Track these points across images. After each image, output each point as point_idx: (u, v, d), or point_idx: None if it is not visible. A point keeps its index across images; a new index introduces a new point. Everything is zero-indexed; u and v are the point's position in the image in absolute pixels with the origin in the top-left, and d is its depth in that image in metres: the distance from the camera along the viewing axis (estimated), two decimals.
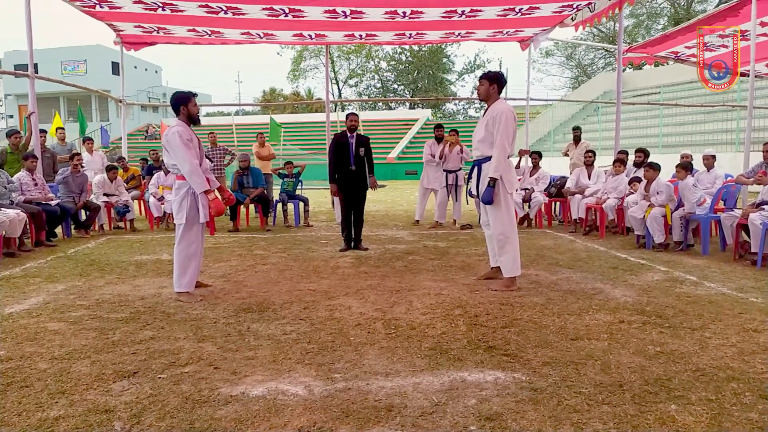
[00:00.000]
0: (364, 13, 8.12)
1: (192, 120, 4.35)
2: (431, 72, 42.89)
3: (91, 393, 2.55)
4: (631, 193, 7.03)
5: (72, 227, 7.75)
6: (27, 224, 6.42)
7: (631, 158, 8.00)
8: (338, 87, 44.09)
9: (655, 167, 6.41)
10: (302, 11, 7.96)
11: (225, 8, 7.78)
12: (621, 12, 8.12)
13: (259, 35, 9.68)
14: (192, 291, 4.33)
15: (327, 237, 7.60)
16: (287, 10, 7.91)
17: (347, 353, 3.06)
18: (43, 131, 8.29)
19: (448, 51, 42.72)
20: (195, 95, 4.44)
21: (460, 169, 8.40)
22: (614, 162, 7.58)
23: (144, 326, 3.57)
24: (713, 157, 7.46)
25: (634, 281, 4.76)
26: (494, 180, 4.34)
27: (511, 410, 2.36)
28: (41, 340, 3.28)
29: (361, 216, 6.54)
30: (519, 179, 8.36)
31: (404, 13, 8.10)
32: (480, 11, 8.02)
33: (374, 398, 2.49)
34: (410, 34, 9.79)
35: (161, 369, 2.83)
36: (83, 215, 7.93)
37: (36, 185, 7.10)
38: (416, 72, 43.37)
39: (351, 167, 6.28)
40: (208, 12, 7.97)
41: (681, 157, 8.11)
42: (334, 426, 2.24)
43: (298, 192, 9.26)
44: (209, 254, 6.18)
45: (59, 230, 7.53)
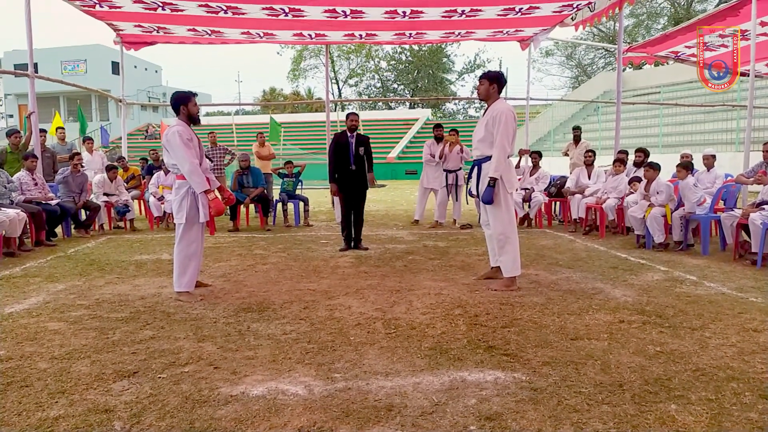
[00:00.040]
0: (364, 13, 8.11)
1: (192, 120, 4.35)
2: (431, 72, 42.88)
3: (91, 393, 2.55)
4: (631, 193, 7.03)
5: (72, 227, 7.75)
6: (27, 224, 6.42)
7: (631, 158, 8.00)
8: (338, 87, 44.11)
9: (655, 167, 6.42)
10: (302, 11, 7.96)
11: (225, 8, 7.78)
12: (621, 12, 8.12)
13: (259, 35, 9.67)
14: (192, 291, 4.33)
15: (327, 237, 7.60)
16: (287, 10, 7.91)
17: (347, 353, 3.06)
18: (43, 131, 8.29)
19: (448, 51, 42.74)
20: (195, 95, 4.44)
21: (460, 169, 8.41)
22: (614, 162, 7.59)
23: (144, 326, 3.57)
24: (713, 157, 7.46)
25: (634, 281, 4.76)
26: (494, 180, 4.34)
27: (511, 410, 2.36)
28: (41, 340, 3.28)
29: (361, 216, 6.54)
30: (519, 179, 8.36)
31: (404, 13, 8.10)
32: (480, 11, 8.02)
33: (374, 398, 2.49)
34: (410, 34, 9.79)
35: (161, 369, 2.83)
36: (83, 215, 7.93)
37: (36, 185, 7.10)
38: (416, 72, 43.36)
39: (351, 167, 6.28)
40: (208, 12, 7.97)
41: (681, 157, 8.11)
42: (334, 426, 2.24)
43: (298, 192, 9.27)
44: (209, 254, 6.18)
45: (59, 230, 7.53)
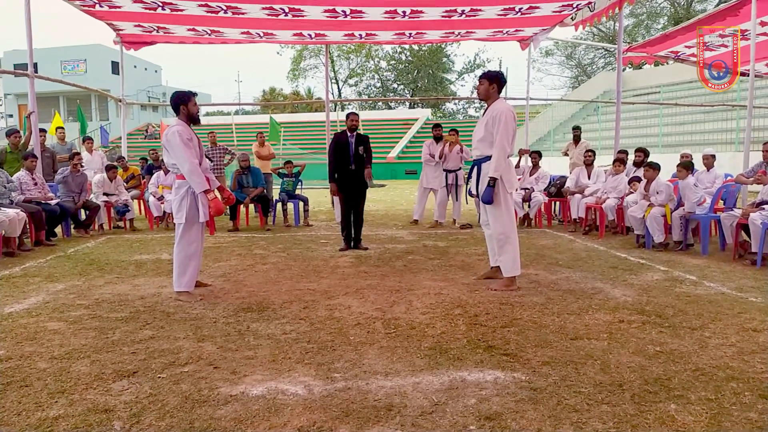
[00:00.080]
0: (364, 13, 8.11)
1: (192, 119, 4.35)
2: (431, 71, 42.88)
3: (91, 392, 2.55)
4: (631, 193, 7.04)
5: (72, 227, 7.75)
6: (26, 224, 6.42)
7: (631, 158, 8.00)
8: (338, 86, 44.11)
9: (655, 167, 6.42)
10: (302, 11, 7.96)
11: (225, 8, 7.78)
12: (621, 11, 8.11)
13: (259, 35, 9.67)
14: (192, 290, 4.33)
15: (327, 236, 7.60)
16: (287, 10, 7.90)
17: (347, 353, 3.06)
18: (43, 130, 8.29)
19: (448, 50, 42.75)
20: (195, 95, 4.44)
21: (460, 169, 8.41)
22: (614, 161, 7.59)
23: (144, 326, 3.57)
24: (713, 157, 7.46)
25: (634, 281, 4.76)
26: (494, 180, 4.34)
27: (511, 410, 2.36)
28: (41, 340, 3.28)
29: (361, 215, 6.54)
30: (519, 179, 8.36)
31: (404, 13, 8.09)
32: (480, 11, 8.02)
33: (374, 398, 2.49)
34: (410, 34, 9.79)
35: (161, 368, 2.83)
36: (83, 215, 7.93)
37: (35, 185, 7.10)
38: (416, 71, 43.36)
39: (351, 167, 6.27)
40: (208, 11, 7.96)
41: (681, 157, 8.11)
42: (334, 425, 2.24)
43: (298, 191, 9.27)
44: (209, 254, 6.18)
45: (59, 230, 7.53)
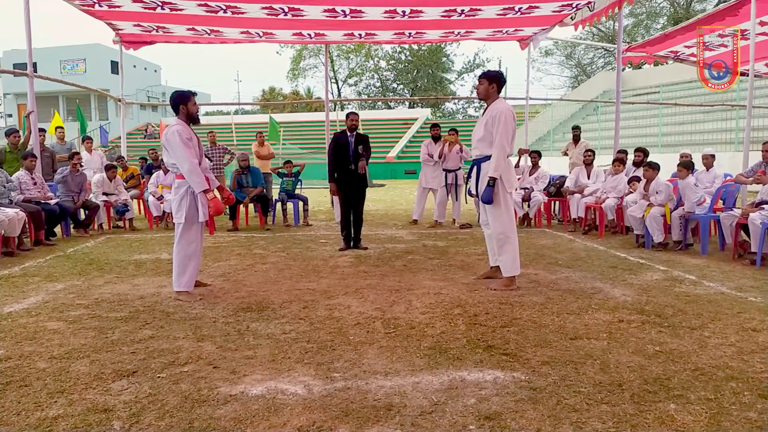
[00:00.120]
0: (364, 12, 8.11)
1: (191, 119, 4.34)
2: (431, 71, 42.88)
3: (90, 392, 2.55)
4: (631, 193, 7.04)
5: (71, 226, 7.75)
6: (26, 223, 6.42)
7: (631, 157, 8.00)
8: (338, 86, 44.10)
9: (655, 166, 6.42)
10: (301, 10, 7.95)
11: (224, 7, 7.77)
12: (620, 11, 8.11)
13: (259, 34, 9.67)
14: (191, 290, 4.33)
15: (326, 236, 7.59)
16: (286, 9, 7.90)
17: (346, 352, 3.06)
18: (42, 130, 8.28)
19: (448, 50, 42.76)
20: (194, 94, 4.43)
21: (460, 169, 8.42)
22: (613, 161, 7.59)
23: (143, 325, 3.57)
24: (712, 157, 7.47)
25: (634, 280, 4.76)
26: (494, 179, 4.34)
27: (511, 409, 2.36)
28: (40, 340, 3.28)
29: (361, 215, 6.54)
30: (518, 178, 8.36)
31: (404, 12, 8.09)
32: (479, 10, 8.02)
33: (373, 397, 2.49)
34: (410, 33, 9.78)
35: (160, 368, 2.83)
36: (82, 214, 7.92)
37: (35, 184, 7.09)
38: (416, 71, 43.35)
39: (350, 166, 6.27)
40: (207, 11, 7.96)
41: (680, 157, 8.11)
42: (334, 425, 2.24)
43: (298, 191, 9.27)
44: (208, 253, 6.17)
45: (58, 229, 7.53)
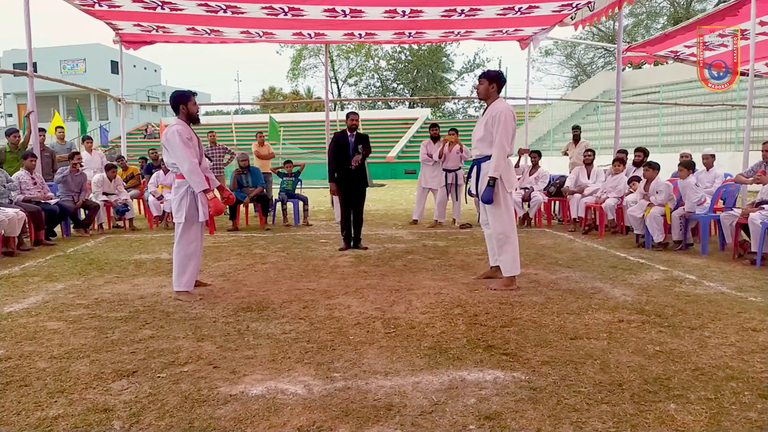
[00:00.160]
0: (364, 12, 8.11)
1: (192, 119, 4.34)
2: (431, 71, 42.87)
3: (91, 392, 2.55)
4: (631, 193, 7.04)
5: (71, 226, 7.75)
6: (26, 223, 6.42)
7: (631, 157, 8.00)
8: (338, 86, 44.08)
9: (655, 166, 6.42)
10: (301, 10, 7.95)
11: (224, 7, 7.77)
12: (620, 11, 8.11)
13: (259, 34, 9.67)
14: (191, 290, 4.33)
15: (326, 236, 7.59)
16: (286, 9, 7.90)
17: (346, 352, 3.06)
18: (42, 130, 8.28)
19: (448, 50, 42.74)
20: (194, 94, 4.43)
21: (460, 168, 8.42)
22: (614, 161, 7.59)
23: (143, 325, 3.57)
24: (712, 157, 7.46)
25: (634, 280, 4.76)
26: (494, 179, 4.34)
27: (511, 409, 2.36)
28: (40, 339, 3.28)
29: (361, 215, 6.54)
30: (518, 178, 8.36)
31: (404, 12, 8.09)
32: (479, 10, 8.01)
33: (373, 397, 2.49)
34: (410, 33, 9.78)
35: (160, 368, 2.83)
36: (82, 214, 7.92)
37: (35, 184, 7.09)
38: (416, 71, 43.34)
39: (350, 166, 6.27)
40: (207, 11, 7.96)
41: (681, 157, 8.11)
42: (334, 425, 2.24)
43: (298, 191, 9.27)
44: (208, 253, 6.17)
45: (58, 229, 7.53)
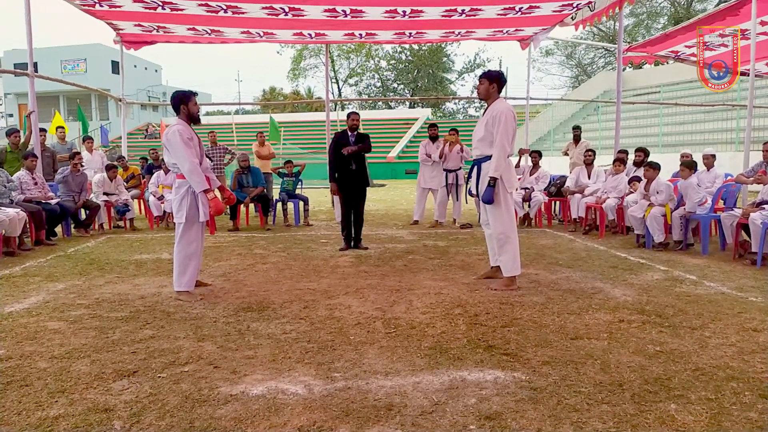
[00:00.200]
0: (364, 12, 8.11)
1: (192, 119, 4.35)
2: (431, 71, 42.88)
3: (91, 392, 2.55)
4: (631, 193, 7.03)
5: (72, 226, 7.75)
6: (27, 223, 6.42)
7: (631, 157, 8.00)
8: (338, 86, 44.10)
9: (655, 166, 6.42)
10: (302, 10, 7.95)
11: (225, 7, 7.77)
12: (621, 11, 8.11)
13: (259, 34, 9.67)
14: (192, 290, 4.33)
15: (327, 236, 7.60)
16: (287, 9, 7.90)
17: (347, 352, 3.06)
18: (43, 130, 8.29)
19: (448, 50, 42.78)
20: (195, 94, 4.44)
21: (460, 168, 8.42)
22: (614, 161, 7.59)
23: (144, 325, 3.57)
24: (713, 157, 7.46)
25: (634, 280, 4.76)
26: (494, 179, 4.34)
27: (511, 409, 2.36)
28: (41, 339, 3.28)
29: (361, 215, 6.54)
30: (519, 178, 8.36)
31: (404, 12, 8.09)
32: (480, 10, 8.01)
33: (374, 397, 2.49)
34: (410, 33, 9.78)
35: (161, 368, 2.83)
36: (83, 214, 7.93)
37: (36, 184, 7.10)
38: (416, 71, 43.35)
39: (351, 166, 6.27)
40: (208, 11, 7.96)
41: (681, 157, 8.11)
42: (334, 425, 2.24)
43: (298, 191, 9.27)
44: (209, 253, 6.18)
45: (59, 229, 7.53)
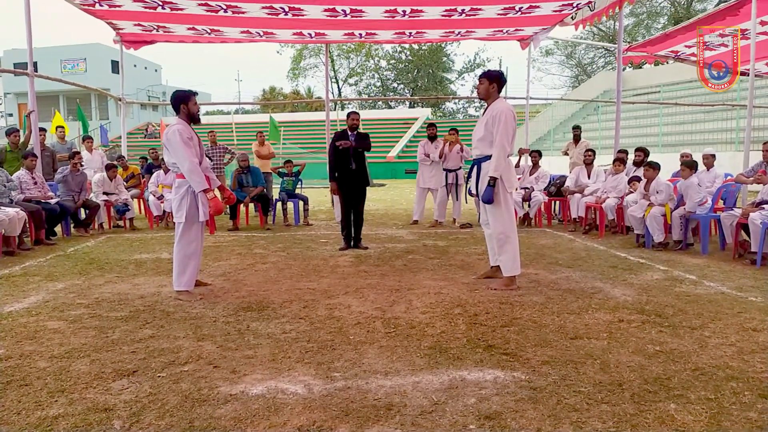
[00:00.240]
0: (364, 12, 8.11)
1: (192, 118, 4.35)
2: (431, 71, 42.86)
3: (91, 392, 2.55)
4: (631, 192, 7.04)
5: (71, 226, 7.75)
6: (26, 223, 6.42)
7: (631, 157, 8.00)
8: (338, 86, 44.07)
9: (655, 166, 6.42)
10: (302, 10, 7.95)
11: (224, 7, 7.77)
12: (621, 11, 8.11)
13: (259, 34, 9.67)
14: (191, 290, 4.33)
15: (326, 236, 7.60)
16: (287, 9, 7.90)
17: (347, 352, 3.06)
18: (43, 129, 8.28)
19: (448, 50, 42.74)
20: (195, 94, 4.44)
21: (460, 168, 8.41)
22: (614, 161, 7.59)
23: (143, 325, 3.57)
24: (713, 156, 7.47)
25: (634, 280, 4.76)
26: (494, 179, 4.34)
27: (511, 409, 2.36)
28: (41, 339, 3.28)
29: (361, 215, 6.54)
30: (519, 178, 8.36)
31: (404, 12, 8.09)
32: (480, 10, 8.01)
33: (374, 397, 2.49)
34: (410, 33, 9.78)
35: (161, 368, 2.83)
36: (83, 214, 7.93)
37: (35, 184, 7.10)
38: (416, 71, 43.33)
39: (351, 166, 6.27)
40: (208, 10, 7.96)
41: (681, 156, 8.11)
42: (334, 425, 2.24)
43: (298, 191, 9.27)
44: (209, 253, 6.18)
45: (59, 229, 7.53)
